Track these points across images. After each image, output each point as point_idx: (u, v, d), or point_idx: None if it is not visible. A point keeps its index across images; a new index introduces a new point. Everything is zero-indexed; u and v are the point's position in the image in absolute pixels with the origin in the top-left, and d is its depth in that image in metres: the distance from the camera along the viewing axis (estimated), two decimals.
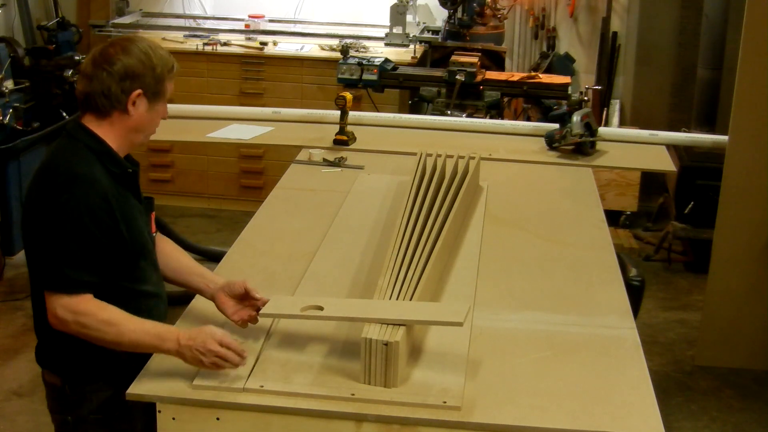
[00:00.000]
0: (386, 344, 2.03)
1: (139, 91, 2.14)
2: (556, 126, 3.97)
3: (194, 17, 6.62)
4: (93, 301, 2.08)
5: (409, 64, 5.56)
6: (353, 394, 2.03)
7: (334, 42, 6.12)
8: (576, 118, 3.88)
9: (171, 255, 2.40)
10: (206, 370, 2.07)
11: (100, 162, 2.13)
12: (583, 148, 3.87)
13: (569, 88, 4.63)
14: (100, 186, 2.09)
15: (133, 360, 2.13)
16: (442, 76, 4.61)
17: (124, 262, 2.17)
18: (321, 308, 2.21)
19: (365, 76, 4.66)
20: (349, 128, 3.93)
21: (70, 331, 2.08)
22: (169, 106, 2.27)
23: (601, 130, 4.09)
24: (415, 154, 3.34)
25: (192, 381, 2.07)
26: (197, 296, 2.45)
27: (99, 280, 2.11)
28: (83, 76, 2.19)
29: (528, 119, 5.39)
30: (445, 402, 2.01)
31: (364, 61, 4.69)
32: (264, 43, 6.07)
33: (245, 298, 2.28)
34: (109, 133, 2.17)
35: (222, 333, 2.09)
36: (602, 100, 6.26)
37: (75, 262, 2.06)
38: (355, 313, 2.19)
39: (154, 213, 2.35)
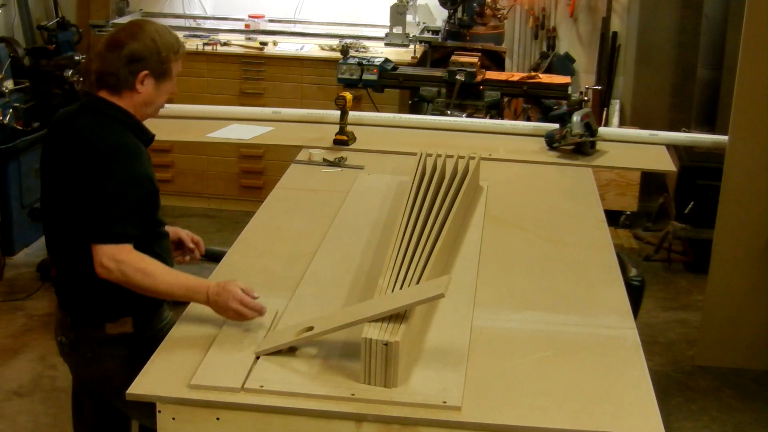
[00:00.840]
0: (386, 344, 2.03)
1: (145, 72, 2.40)
2: (556, 126, 3.98)
3: (194, 17, 6.62)
4: (134, 252, 2.32)
5: (409, 64, 5.56)
6: (353, 394, 2.03)
7: (334, 42, 6.12)
8: (576, 118, 3.88)
9: None
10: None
11: (131, 131, 2.41)
12: (583, 148, 3.87)
13: (569, 88, 4.63)
14: (141, 152, 2.40)
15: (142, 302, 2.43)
16: (442, 76, 4.61)
17: (154, 212, 2.47)
18: (312, 328, 2.21)
19: (365, 76, 4.66)
20: (349, 128, 3.93)
21: (114, 279, 2.30)
22: (169, 106, 2.33)
23: (601, 130, 4.10)
24: (415, 154, 3.35)
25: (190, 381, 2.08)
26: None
27: (139, 233, 2.35)
28: (97, 57, 2.44)
29: (528, 119, 5.39)
30: (445, 402, 2.01)
31: (364, 61, 4.69)
32: (264, 43, 6.07)
33: (180, 246, 2.71)
34: (127, 105, 2.44)
35: (242, 294, 2.31)
36: (602, 100, 6.27)
37: (121, 219, 2.31)
38: (343, 321, 2.19)
39: None
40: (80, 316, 2.53)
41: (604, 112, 6.28)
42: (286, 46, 6.10)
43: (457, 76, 4.52)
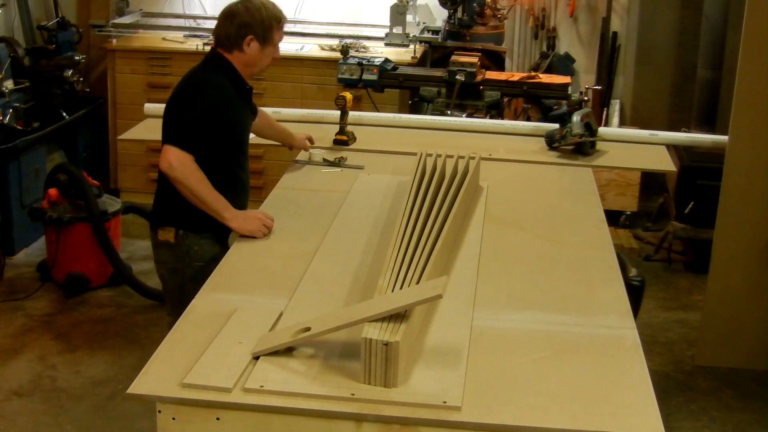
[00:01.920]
0: (386, 344, 2.03)
1: (251, 36, 3.01)
2: (556, 126, 3.98)
3: (194, 17, 6.61)
4: (193, 161, 2.90)
5: (409, 64, 5.56)
6: (353, 394, 2.03)
7: (334, 42, 6.12)
8: (576, 118, 3.88)
9: (266, 119, 3.60)
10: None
11: (227, 77, 3.03)
12: (583, 148, 3.87)
13: (569, 88, 4.63)
14: (223, 89, 3.00)
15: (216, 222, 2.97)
16: (442, 76, 4.61)
17: (230, 150, 3.08)
18: (308, 329, 2.21)
19: (365, 76, 4.67)
20: (349, 128, 3.93)
21: (173, 176, 2.89)
22: None
23: (601, 130, 4.10)
24: (415, 154, 3.35)
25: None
26: (198, 296, 2.49)
27: (199, 151, 2.91)
28: (218, 21, 3.07)
29: (528, 119, 5.39)
30: (445, 402, 2.01)
31: (364, 61, 4.69)
32: None
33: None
34: (233, 62, 3.04)
35: (262, 213, 2.99)
36: (602, 100, 6.27)
37: (189, 131, 2.92)
38: (341, 322, 2.19)
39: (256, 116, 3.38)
40: (150, 221, 3.17)
41: (604, 112, 6.28)
42: (286, 46, 6.06)
43: (457, 76, 4.52)
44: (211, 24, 6.50)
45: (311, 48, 6.08)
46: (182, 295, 2.91)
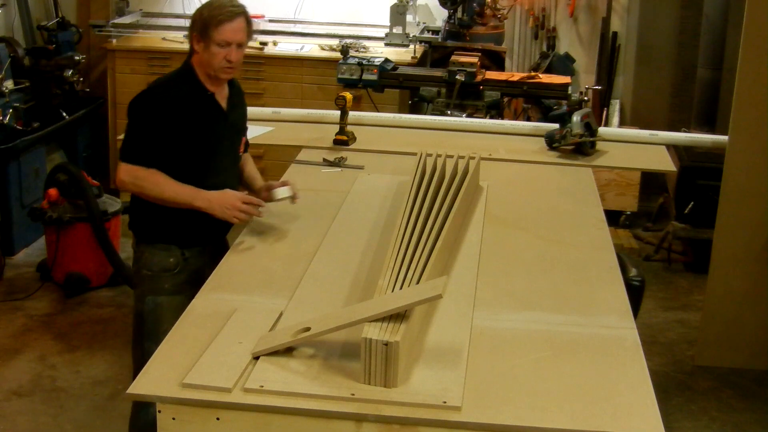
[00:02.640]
0: (386, 344, 2.03)
1: (194, 33, 2.92)
2: (556, 126, 3.98)
3: None
4: (148, 170, 2.86)
5: (409, 64, 5.56)
6: (353, 394, 2.03)
7: (334, 42, 6.12)
8: (576, 118, 3.88)
9: (242, 166, 3.21)
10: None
11: (182, 80, 2.95)
12: (583, 148, 3.87)
13: (569, 88, 4.63)
14: (170, 94, 2.90)
15: (182, 232, 2.96)
16: (442, 76, 4.61)
17: (191, 156, 2.93)
18: (308, 329, 2.21)
19: (365, 76, 4.66)
20: (349, 128, 3.93)
21: (129, 190, 2.93)
22: None
23: (601, 130, 4.10)
24: (415, 154, 3.35)
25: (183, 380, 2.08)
26: (198, 296, 2.50)
27: (157, 160, 2.86)
28: None
29: (528, 119, 5.39)
30: (445, 402, 2.01)
31: (364, 61, 4.69)
32: (264, 43, 6.07)
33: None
34: (195, 65, 2.96)
35: (242, 194, 2.90)
36: (602, 100, 6.27)
37: (137, 144, 2.89)
38: (340, 322, 2.19)
39: (245, 138, 3.20)
40: None
41: (604, 112, 6.28)
42: (286, 46, 6.10)
43: (457, 76, 4.52)
44: None
45: (311, 48, 6.08)
46: (138, 301, 3.04)
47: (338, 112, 3.92)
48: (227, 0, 2.91)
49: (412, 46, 5.88)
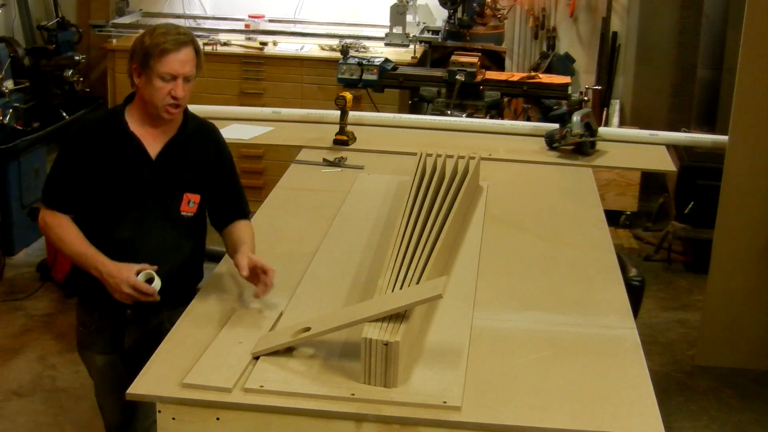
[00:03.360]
0: (386, 344, 2.03)
1: (134, 65, 2.56)
2: (556, 126, 3.97)
3: (194, 17, 6.61)
4: (59, 218, 2.57)
5: (409, 64, 5.56)
6: (353, 394, 2.03)
7: (334, 42, 6.12)
8: (576, 118, 3.88)
9: (231, 234, 2.68)
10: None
11: (106, 120, 2.61)
12: (583, 148, 3.87)
13: (569, 88, 4.62)
14: (86, 132, 2.56)
15: (91, 289, 2.56)
16: (442, 76, 4.61)
17: (99, 204, 2.56)
18: (308, 329, 2.21)
19: (365, 76, 4.66)
20: (349, 128, 3.93)
21: (44, 234, 2.63)
22: None
23: (601, 130, 4.09)
24: (415, 154, 3.35)
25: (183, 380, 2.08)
26: (198, 296, 2.52)
27: (71, 204, 2.57)
28: None
29: (528, 119, 5.39)
30: (445, 402, 2.01)
31: (364, 61, 4.69)
32: (264, 43, 6.07)
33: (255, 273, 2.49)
34: (136, 102, 2.60)
35: (135, 280, 2.43)
36: (602, 100, 6.27)
37: (53, 184, 2.59)
38: (340, 322, 2.19)
39: (196, 196, 2.63)
40: None
41: (604, 112, 6.28)
42: (286, 46, 6.10)
43: (457, 76, 4.52)
44: (212, 24, 6.53)
45: (311, 48, 6.08)
46: (79, 350, 2.83)
47: (338, 112, 3.92)
48: (172, 27, 2.55)
49: (412, 46, 5.88)
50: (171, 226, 2.60)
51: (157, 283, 2.45)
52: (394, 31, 5.93)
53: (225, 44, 6.07)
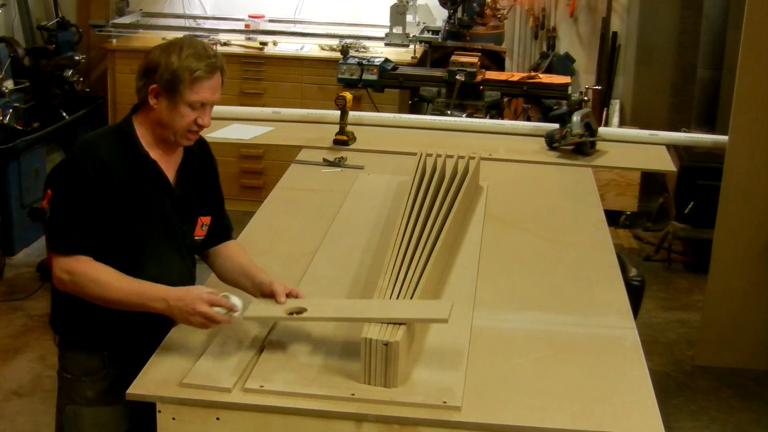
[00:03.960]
0: (386, 344, 2.03)
1: (154, 86, 2.23)
2: (556, 126, 3.97)
3: (194, 17, 6.61)
4: (87, 262, 2.21)
5: (409, 64, 5.56)
6: (353, 394, 2.03)
7: (334, 42, 6.12)
8: (576, 118, 3.88)
9: (229, 257, 2.49)
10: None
11: (119, 143, 2.27)
12: (583, 148, 3.87)
13: (569, 88, 4.63)
14: (98, 160, 2.22)
15: (107, 332, 2.33)
16: (442, 76, 4.61)
17: (119, 240, 2.27)
18: (305, 310, 2.21)
19: (365, 76, 4.66)
20: (349, 128, 3.93)
21: (68, 290, 2.23)
22: None
23: (601, 130, 4.09)
24: (415, 154, 3.35)
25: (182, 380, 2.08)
26: None
27: (93, 243, 2.22)
28: None
29: (528, 119, 5.38)
30: (445, 402, 2.01)
31: (364, 61, 4.69)
32: (264, 43, 6.07)
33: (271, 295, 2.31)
34: (143, 122, 2.30)
35: (209, 294, 2.16)
36: (602, 100, 6.26)
37: (68, 225, 2.22)
38: (339, 314, 2.19)
39: (208, 218, 2.44)
40: None
41: (604, 112, 6.28)
42: (286, 46, 6.10)
43: (457, 76, 4.52)
44: (212, 24, 6.54)
45: (311, 48, 6.08)
46: (58, 410, 2.56)
47: (338, 112, 3.92)
48: (200, 46, 2.26)
49: (412, 46, 5.88)
50: (187, 253, 2.44)
51: (236, 301, 2.19)
52: (394, 31, 5.93)
53: (225, 44, 6.07)
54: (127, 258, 2.27)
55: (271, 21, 6.39)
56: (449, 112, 4.49)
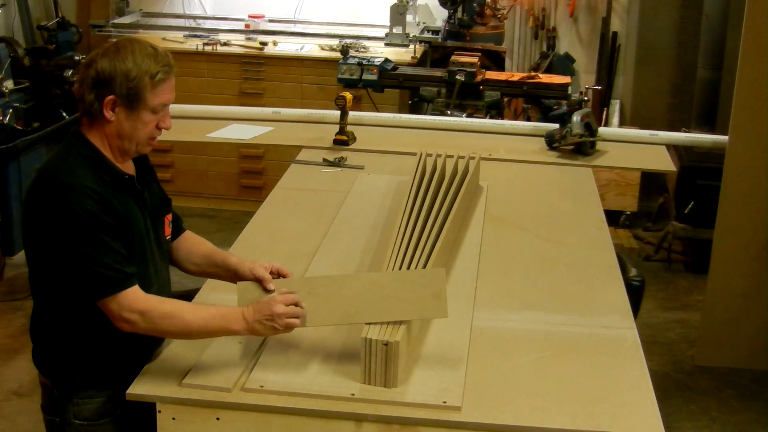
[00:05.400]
0: (386, 344, 2.03)
1: (111, 97, 2.09)
2: (556, 126, 3.98)
3: (194, 17, 6.62)
4: (151, 298, 2.09)
5: (409, 64, 5.56)
6: (353, 394, 2.03)
7: (334, 42, 6.12)
8: (576, 118, 3.88)
9: (190, 248, 2.41)
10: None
11: (92, 169, 2.12)
12: (583, 148, 3.87)
13: (569, 88, 4.62)
14: (90, 191, 2.06)
15: (122, 370, 2.16)
16: (442, 76, 4.61)
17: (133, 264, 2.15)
18: (291, 293, 2.17)
19: (365, 76, 4.66)
20: (349, 128, 3.93)
21: (141, 331, 2.08)
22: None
23: (601, 130, 4.09)
24: (415, 154, 3.35)
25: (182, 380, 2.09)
26: (198, 296, 2.48)
27: (136, 269, 2.11)
28: (78, 78, 2.17)
29: (528, 119, 5.38)
30: (445, 402, 2.01)
31: (364, 61, 4.69)
32: (264, 43, 6.07)
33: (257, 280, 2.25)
34: (98, 138, 2.15)
35: (279, 295, 2.13)
36: (602, 100, 6.26)
37: (104, 262, 2.05)
38: (335, 312, 2.17)
39: (170, 215, 2.34)
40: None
41: (604, 112, 6.28)
42: (286, 46, 6.10)
43: (457, 76, 4.52)
44: (212, 24, 6.54)
45: (311, 48, 6.08)
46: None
47: (338, 112, 3.92)
48: (149, 47, 2.13)
49: (412, 46, 5.88)
50: (162, 254, 2.31)
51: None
52: (394, 31, 5.94)
53: (225, 44, 6.07)
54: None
55: (271, 21, 6.39)
56: (449, 112, 4.48)
